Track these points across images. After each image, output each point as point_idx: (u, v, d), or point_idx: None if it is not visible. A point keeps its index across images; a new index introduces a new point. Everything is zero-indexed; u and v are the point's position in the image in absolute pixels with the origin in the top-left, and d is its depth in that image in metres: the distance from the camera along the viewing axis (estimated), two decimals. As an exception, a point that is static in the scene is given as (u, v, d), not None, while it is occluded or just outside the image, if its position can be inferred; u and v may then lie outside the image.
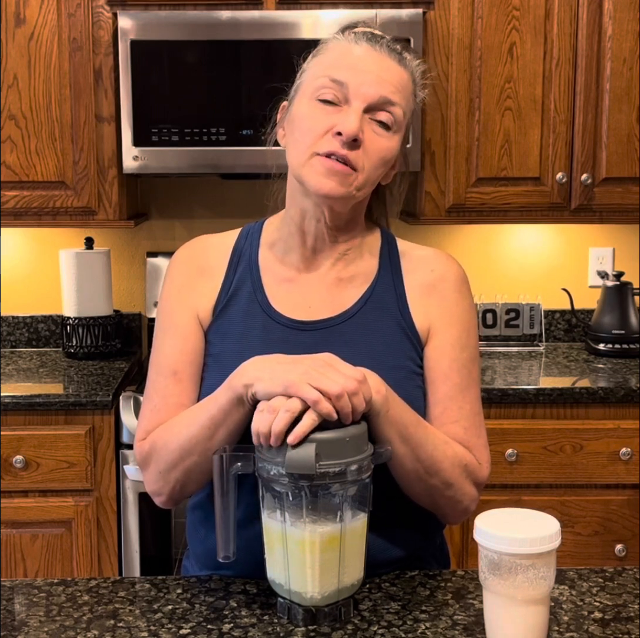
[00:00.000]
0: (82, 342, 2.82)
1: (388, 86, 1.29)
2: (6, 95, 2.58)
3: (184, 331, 1.37)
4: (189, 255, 1.43)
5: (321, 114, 1.29)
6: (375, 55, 1.30)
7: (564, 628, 1.16)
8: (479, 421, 1.38)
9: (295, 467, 1.10)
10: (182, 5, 2.55)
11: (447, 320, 1.38)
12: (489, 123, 2.65)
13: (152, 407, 1.36)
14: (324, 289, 1.38)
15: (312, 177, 1.29)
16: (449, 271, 1.42)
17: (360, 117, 1.27)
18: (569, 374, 2.67)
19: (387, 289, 1.38)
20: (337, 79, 1.28)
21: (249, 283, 1.38)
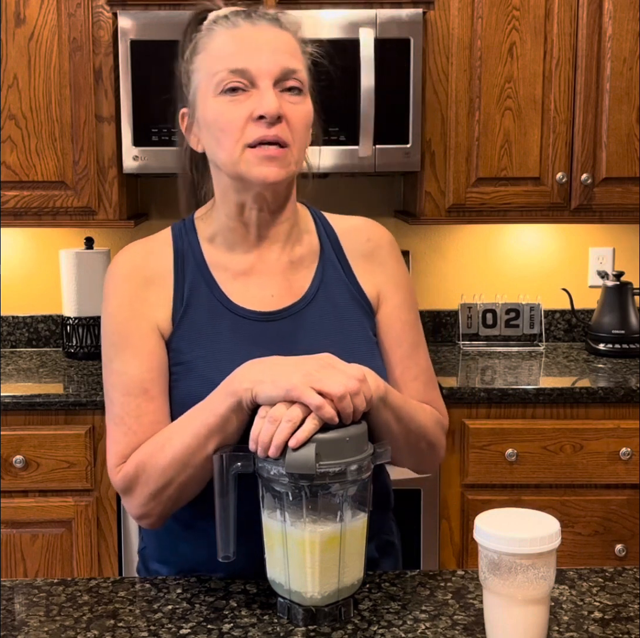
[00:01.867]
0: (82, 342, 2.82)
1: (283, 55, 1.28)
2: (6, 95, 2.58)
3: (146, 347, 1.31)
4: (130, 265, 1.37)
5: (232, 105, 1.27)
6: (259, 30, 1.29)
7: (564, 628, 1.16)
8: (432, 374, 1.45)
9: (295, 467, 1.10)
10: (182, 5, 2.55)
11: (392, 284, 1.42)
12: (489, 123, 2.65)
13: (125, 430, 1.29)
14: (279, 276, 1.37)
15: (251, 170, 1.27)
16: (383, 238, 1.45)
17: (274, 94, 1.26)
18: (569, 374, 2.67)
19: (333, 265, 1.40)
20: (236, 67, 1.27)
21: (203, 284, 1.35)
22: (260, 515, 1.17)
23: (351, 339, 1.36)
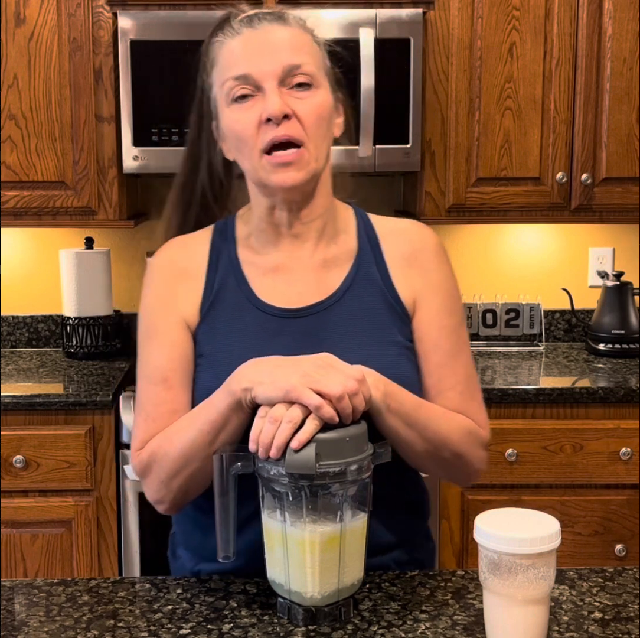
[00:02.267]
0: (82, 342, 2.82)
1: (285, 52, 1.28)
2: (6, 95, 2.58)
3: (171, 338, 1.35)
4: (167, 259, 1.42)
5: (243, 112, 1.29)
6: (259, 32, 1.30)
7: (564, 628, 1.16)
8: (473, 384, 1.40)
9: (295, 467, 1.10)
10: (182, 5, 2.55)
11: (430, 289, 1.38)
12: (489, 123, 2.65)
13: (145, 416, 1.34)
14: (309, 274, 1.37)
15: (269, 177, 1.29)
16: (427, 240, 1.41)
17: (278, 94, 1.27)
18: (569, 374, 2.67)
19: (369, 266, 1.38)
20: (238, 74, 1.28)
21: (232, 279, 1.37)
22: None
23: (377, 342, 1.33)
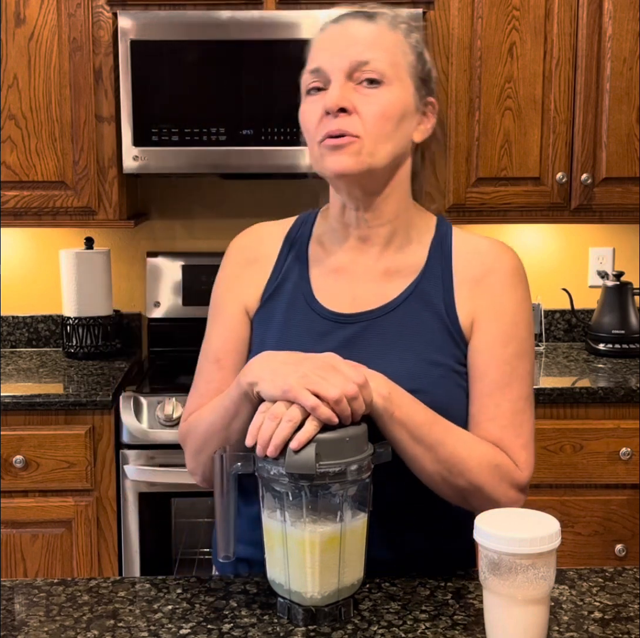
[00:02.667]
0: (82, 342, 2.82)
1: (355, 48, 1.28)
2: (6, 95, 2.58)
3: (230, 320, 1.40)
4: (241, 245, 1.45)
5: (310, 105, 1.31)
6: (338, 29, 1.31)
7: (564, 628, 1.16)
8: (520, 420, 1.31)
9: (295, 467, 1.10)
10: (182, 5, 2.55)
11: (492, 313, 1.33)
12: (489, 123, 2.65)
13: (196, 390, 1.41)
14: (370, 280, 1.37)
15: (324, 164, 1.29)
16: (501, 262, 1.35)
17: (340, 87, 1.27)
18: (569, 374, 2.67)
19: (434, 282, 1.35)
20: (312, 68, 1.31)
21: (296, 273, 1.39)
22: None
23: (421, 360, 1.30)
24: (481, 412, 1.30)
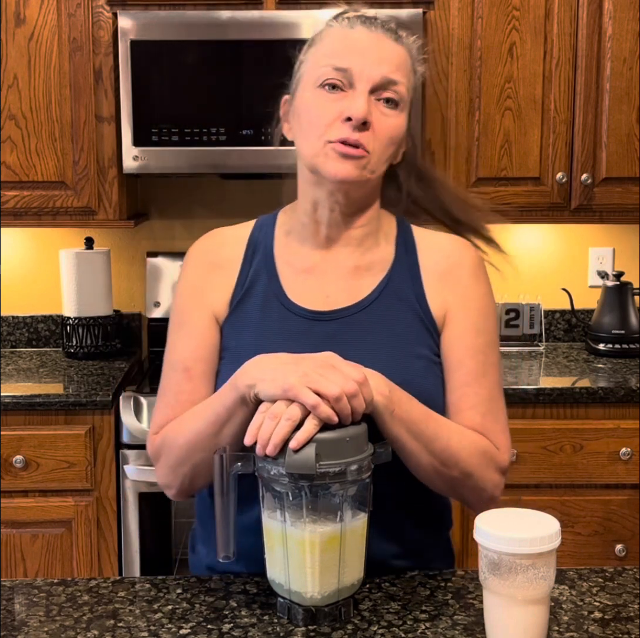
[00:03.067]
0: (82, 342, 2.82)
1: (389, 66, 1.29)
2: (6, 95, 2.58)
3: (198, 328, 1.37)
4: (203, 250, 1.43)
5: (328, 101, 1.29)
6: (372, 36, 1.31)
7: (564, 628, 1.16)
8: (497, 407, 1.36)
9: (295, 467, 1.10)
10: (182, 5, 2.56)
11: (462, 306, 1.37)
12: (489, 123, 2.65)
13: (166, 402, 1.37)
14: (341, 278, 1.37)
15: (327, 164, 1.29)
16: (465, 256, 1.41)
17: (367, 100, 1.28)
18: (569, 374, 2.67)
19: (403, 277, 1.38)
20: (340, 66, 1.29)
21: (264, 276, 1.38)
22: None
23: (402, 353, 1.33)
24: (462, 401, 1.34)
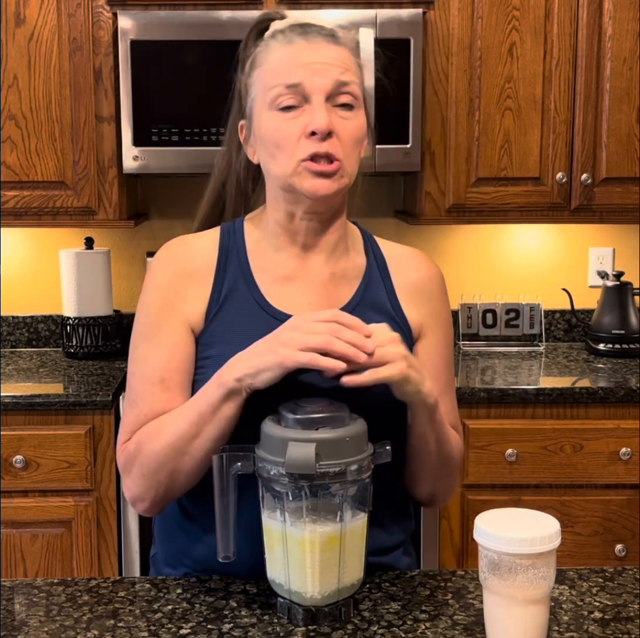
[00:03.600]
0: (82, 342, 2.82)
1: (336, 70, 1.30)
2: (6, 95, 2.58)
3: (172, 339, 1.34)
4: (173, 258, 1.39)
5: (288, 120, 1.30)
6: (312, 47, 1.31)
7: (564, 628, 1.16)
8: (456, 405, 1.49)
9: (295, 467, 1.10)
10: (182, 5, 2.56)
11: (436, 319, 1.43)
12: (489, 123, 2.65)
13: (137, 413, 1.33)
14: (319, 286, 1.38)
15: (303, 184, 1.30)
16: (433, 271, 1.46)
17: (325, 110, 1.28)
18: (569, 374, 2.67)
19: (377, 285, 1.41)
20: (291, 82, 1.29)
21: (242, 284, 1.37)
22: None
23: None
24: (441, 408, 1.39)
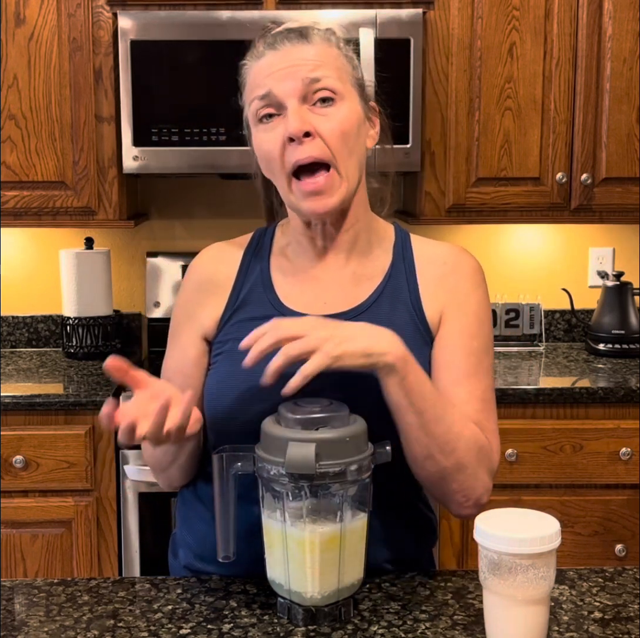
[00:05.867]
0: (82, 342, 2.82)
1: (304, 68, 1.28)
2: (6, 95, 2.58)
3: (183, 343, 1.40)
4: (200, 266, 1.44)
5: (268, 132, 1.29)
6: (279, 54, 1.30)
7: (564, 628, 1.16)
8: (489, 408, 1.36)
9: (295, 467, 1.10)
10: (182, 5, 2.55)
11: (456, 309, 1.36)
12: (489, 123, 2.65)
13: None
14: (338, 286, 1.38)
15: (300, 205, 1.30)
16: (462, 262, 1.40)
17: (298, 112, 1.26)
18: (569, 374, 2.67)
19: (400, 284, 1.38)
20: (261, 93, 1.29)
21: (260, 286, 1.38)
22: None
23: None
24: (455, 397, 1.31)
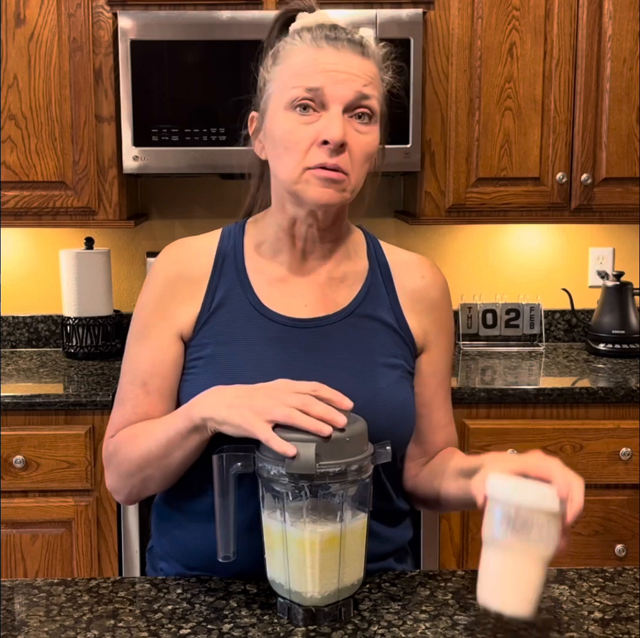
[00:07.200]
0: (82, 342, 2.82)
1: (359, 81, 1.28)
2: (6, 95, 2.58)
3: (160, 343, 1.35)
4: (171, 261, 1.39)
5: (302, 124, 1.27)
6: (340, 55, 1.28)
7: (564, 628, 1.16)
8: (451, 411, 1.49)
9: (295, 467, 1.10)
10: (182, 5, 2.55)
11: (441, 329, 1.43)
12: (489, 123, 2.65)
13: (123, 412, 1.37)
14: (316, 289, 1.38)
15: (308, 191, 1.28)
16: (438, 279, 1.44)
17: (342, 121, 1.26)
18: (569, 374, 2.67)
19: (379, 290, 1.39)
20: (312, 86, 1.26)
21: (238, 286, 1.36)
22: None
23: (380, 364, 1.35)
24: (445, 416, 1.46)
